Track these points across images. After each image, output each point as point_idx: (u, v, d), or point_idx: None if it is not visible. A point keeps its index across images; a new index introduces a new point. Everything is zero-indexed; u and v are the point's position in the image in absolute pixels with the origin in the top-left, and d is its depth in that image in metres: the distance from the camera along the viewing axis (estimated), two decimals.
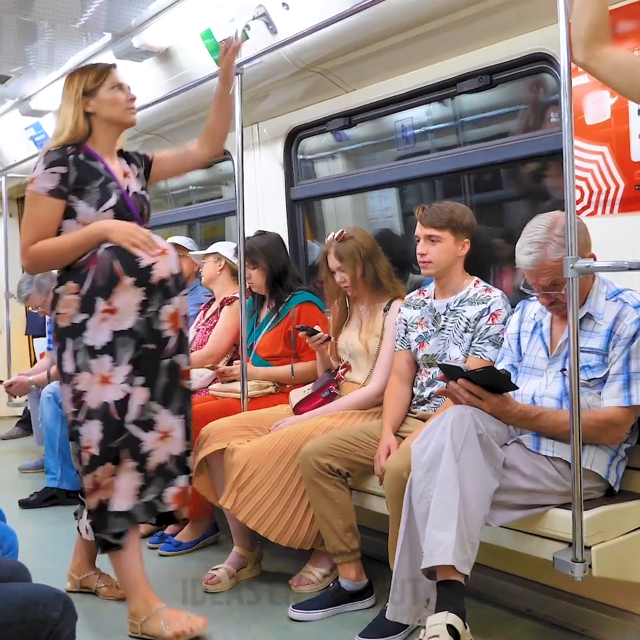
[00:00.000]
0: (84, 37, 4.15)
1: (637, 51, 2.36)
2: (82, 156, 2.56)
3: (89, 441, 2.49)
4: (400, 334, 2.91)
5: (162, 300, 2.55)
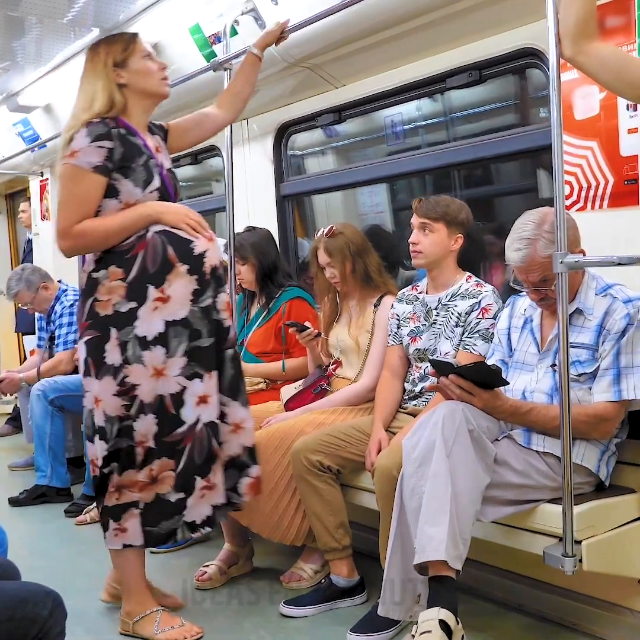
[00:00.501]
0: (72, 33, 4.13)
1: (625, 46, 2.36)
2: (122, 131, 2.40)
3: (145, 435, 2.39)
4: (392, 329, 2.91)
5: (217, 288, 2.45)
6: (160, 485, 2.42)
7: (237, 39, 3.30)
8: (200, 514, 2.44)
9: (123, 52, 2.45)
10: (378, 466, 2.47)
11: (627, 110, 2.37)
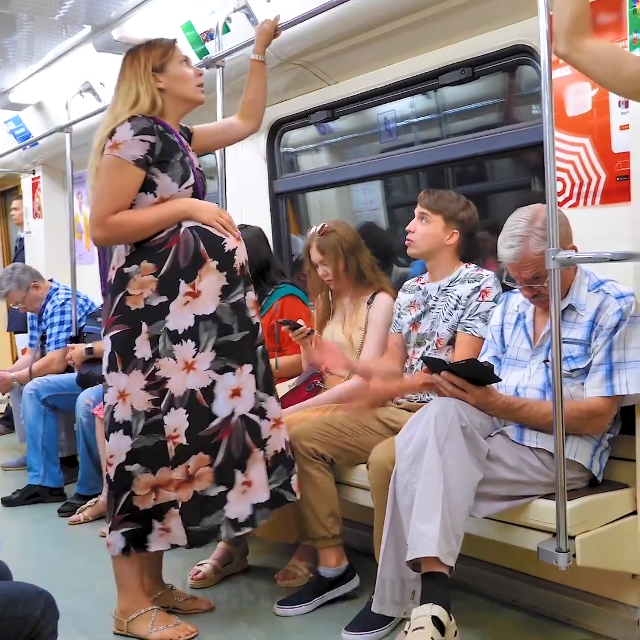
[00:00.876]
0: (64, 30, 4.12)
1: (617, 43, 2.36)
2: (161, 127, 2.44)
3: (176, 430, 2.39)
4: (394, 317, 2.95)
5: (246, 286, 2.50)
6: (198, 482, 2.41)
7: (229, 36, 3.30)
8: (242, 511, 2.43)
9: (162, 57, 2.50)
10: (372, 460, 2.47)
11: (619, 107, 2.37)
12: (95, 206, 2.45)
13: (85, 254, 5.63)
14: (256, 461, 2.45)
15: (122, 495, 2.42)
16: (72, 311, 4.53)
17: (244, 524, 2.44)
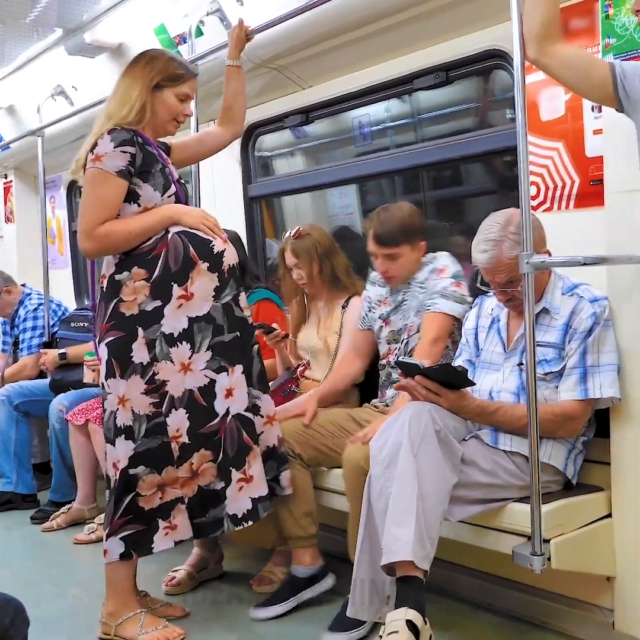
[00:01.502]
0: (35, 33, 4.08)
1: (589, 48, 2.38)
2: (140, 140, 2.47)
3: (179, 430, 2.43)
4: (363, 312, 2.93)
5: (237, 287, 2.53)
6: (202, 477, 2.46)
7: (202, 39, 3.29)
8: (241, 507, 2.48)
9: (170, 80, 2.52)
10: (347, 460, 2.46)
11: (592, 112, 2.39)
12: (82, 219, 2.45)
13: (58, 258, 5.58)
14: (256, 457, 2.51)
15: (125, 498, 2.44)
16: (44, 316, 4.48)
17: (244, 519, 2.49)
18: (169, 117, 2.55)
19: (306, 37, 3.11)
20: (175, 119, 2.56)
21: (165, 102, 2.52)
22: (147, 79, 2.49)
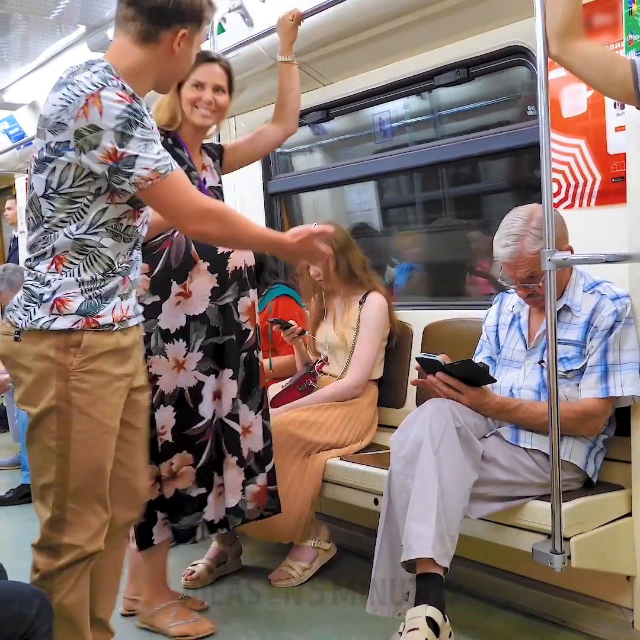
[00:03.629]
0: (58, 30, 4.10)
1: (612, 44, 2.37)
2: (170, 141, 2.47)
3: (164, 427, 2.45)
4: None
5: (239, 291, 2.52)
6: (180, 480, 2.47)
7: (224, 36, 3.29)
8: (219, 512, 2.53)
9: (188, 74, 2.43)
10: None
11: (615, 108, 2.37)
12: None
13: None
14: (228, 466, 2.53)
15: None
16: None
17: (219, 525, 2.55)
18: (189, 108, 2.51)
19: (327, 34, 3.10)
20: (195, 106, 2.50)
21: (184, 95, 2.51)
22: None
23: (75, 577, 1.84)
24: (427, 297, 3.96)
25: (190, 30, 1.87)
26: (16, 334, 1.81)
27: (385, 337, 3.09)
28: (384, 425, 3.04)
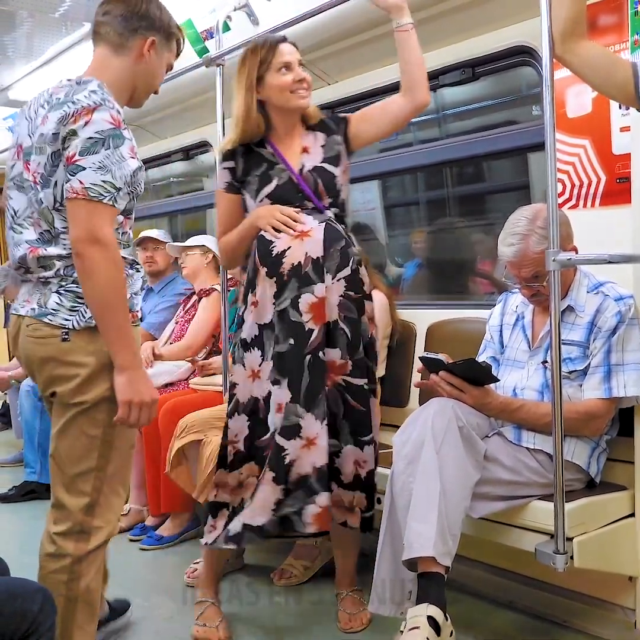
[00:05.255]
0: (64, 27, 4.10)
1: (618, 45, 2.37)
2: (252, 145, 2.48)
3: (237, 436, 2.43)
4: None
5: (299, 288, 2.33)
6: (245, 490, 2.42)
7: (229, 34, 3.29)
8: (236, 526, 2.37)
9: (261, 66, 2.41)
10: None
11: (620, 109, 2.37)
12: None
13: None
14: (263, 481, 2.33)
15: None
16: None
17: (230, 539, 2.37)
18: (286, 95, 2.40)
19: (332, 33, 3.10)
20: (292, 91, 2.40)
21: (272, 85, 2.40)
22: (245, 80, 2.43)
23: (100, 560, 1.98)
24: (434, 293, 3.96)
25: (159, 41, 2.05)
26: (64, 335, 1.89)
27: (387, 335, 3.09)
28: (386, 424, 3.04)
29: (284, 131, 2.48)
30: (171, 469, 3.01)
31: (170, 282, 4.22)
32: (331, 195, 2.44)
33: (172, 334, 3.86)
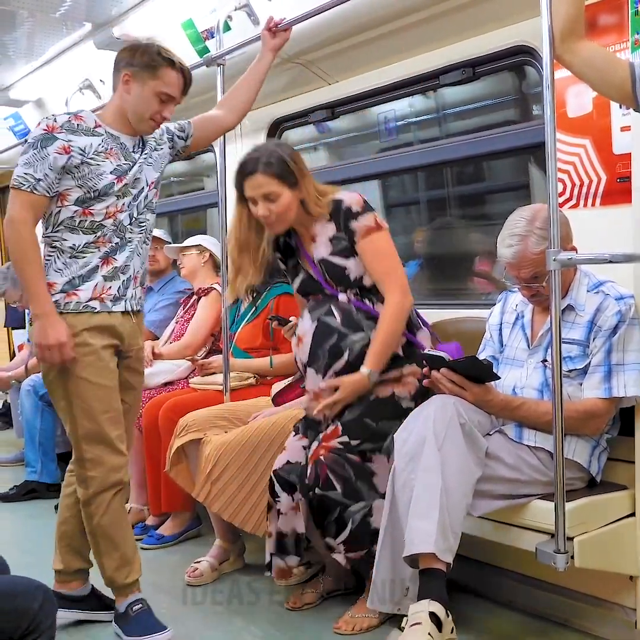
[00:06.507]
0: (64, 27, 4.11)
1: (618, 44, 2.37)
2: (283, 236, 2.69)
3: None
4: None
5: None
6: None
7: (230, 34, 3.29)
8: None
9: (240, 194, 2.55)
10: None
11: (620, 108, 2.37)
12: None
13: None
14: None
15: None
16: None
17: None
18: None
19: (333, 33, 3.11)
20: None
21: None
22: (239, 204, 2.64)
23: (105, 503, 2.41)
24: (434, 293, 3.96)
25: (135, 73, 2.41)
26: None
27: None
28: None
29: (299, 223, 2.56)
30: (171, 468, 3.01)
31: (169, 281, 4.24)
32: (343, 284, 2.50)
33: (172, 334, 3.86)
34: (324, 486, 2.37)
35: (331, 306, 2.49)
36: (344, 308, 2.48)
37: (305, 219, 2.54)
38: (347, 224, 2.47)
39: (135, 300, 2.51)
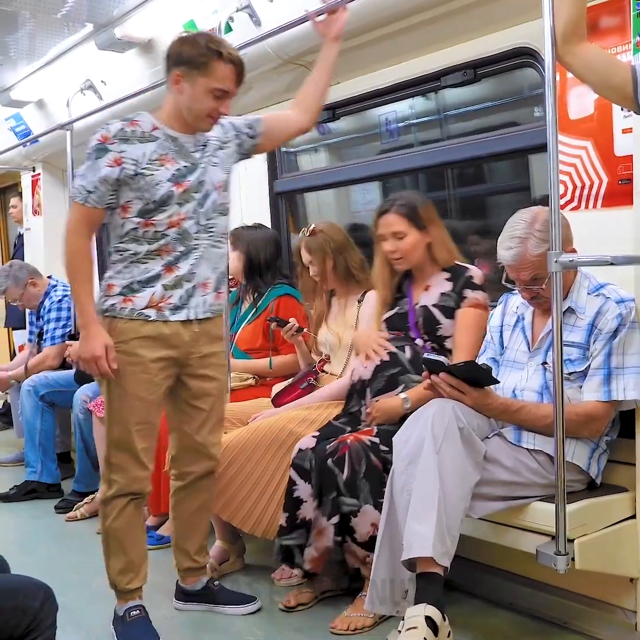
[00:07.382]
0: (66, 28, 4.11)
1: (620, 46, 2.37)
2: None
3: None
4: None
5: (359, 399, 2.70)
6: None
7: (231, 35, 3.29)
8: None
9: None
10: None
11: (622, 110, 2.37)
12: None
13: None
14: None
15: None
16: (70, 308, 4.52)
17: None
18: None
19: None
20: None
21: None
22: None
23: (120, 507, 2.45)
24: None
25: (185, 72, 2.34)
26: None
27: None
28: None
29: (419, 268, 2.76)
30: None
31: None
32: (430, 335, 2.69)
33: None
34: (336, 463, 2.46)
35: (406, 344, 2.68)
36: (417, 350, 2.66)
37: (427, 264, 2.74)
38: (463, 290, 2.68)
39: (202, 308, 2.43)
